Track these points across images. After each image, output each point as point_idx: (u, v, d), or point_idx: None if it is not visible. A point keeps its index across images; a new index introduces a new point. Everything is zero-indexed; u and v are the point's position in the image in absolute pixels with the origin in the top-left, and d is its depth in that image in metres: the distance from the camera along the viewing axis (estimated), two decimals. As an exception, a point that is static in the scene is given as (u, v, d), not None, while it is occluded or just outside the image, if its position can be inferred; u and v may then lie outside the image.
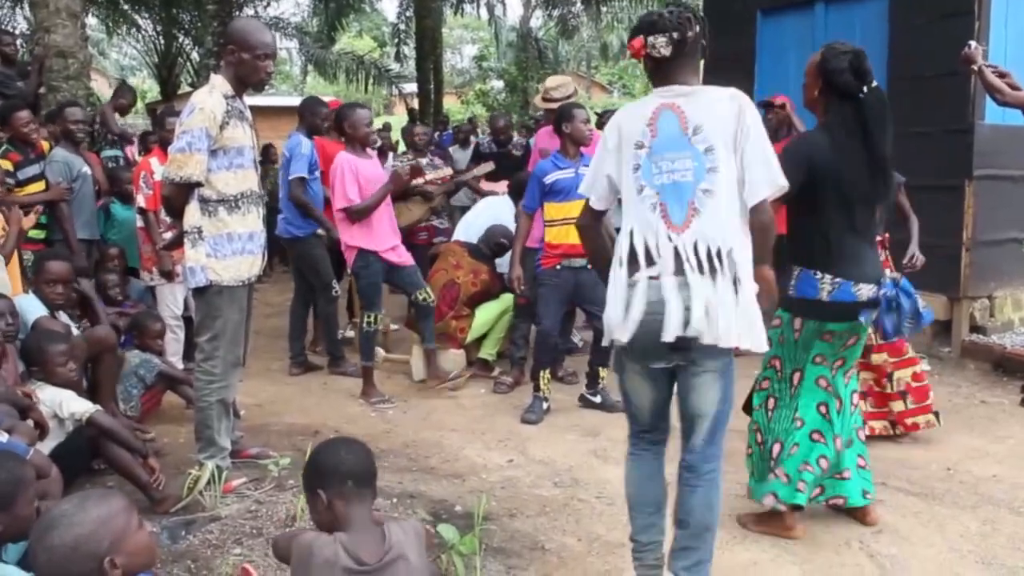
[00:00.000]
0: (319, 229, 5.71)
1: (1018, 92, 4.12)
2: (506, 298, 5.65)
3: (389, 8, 32.60)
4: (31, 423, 3.12)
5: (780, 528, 3.25)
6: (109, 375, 4.23)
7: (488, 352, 5.75)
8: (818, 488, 3.29)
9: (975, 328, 6.11)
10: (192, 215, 3.54)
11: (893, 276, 3.15)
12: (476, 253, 5.76)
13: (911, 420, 4.33)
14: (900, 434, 4.34)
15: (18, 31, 14.05)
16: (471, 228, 6.14)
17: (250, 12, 16.71)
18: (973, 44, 4.21)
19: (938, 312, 6.05)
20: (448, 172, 6.87)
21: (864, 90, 3.05)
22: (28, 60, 7.54)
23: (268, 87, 4.27)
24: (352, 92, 22.44)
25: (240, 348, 3.80)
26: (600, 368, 4.91)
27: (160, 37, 18.52)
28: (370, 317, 5.17)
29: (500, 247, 5.75)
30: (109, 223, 5.86)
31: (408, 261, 5.28)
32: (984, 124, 5.90)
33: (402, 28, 20.84)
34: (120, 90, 8.10)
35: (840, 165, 3.05)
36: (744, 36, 7.39)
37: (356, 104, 5.54)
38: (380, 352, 5.90)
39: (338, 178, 5.02)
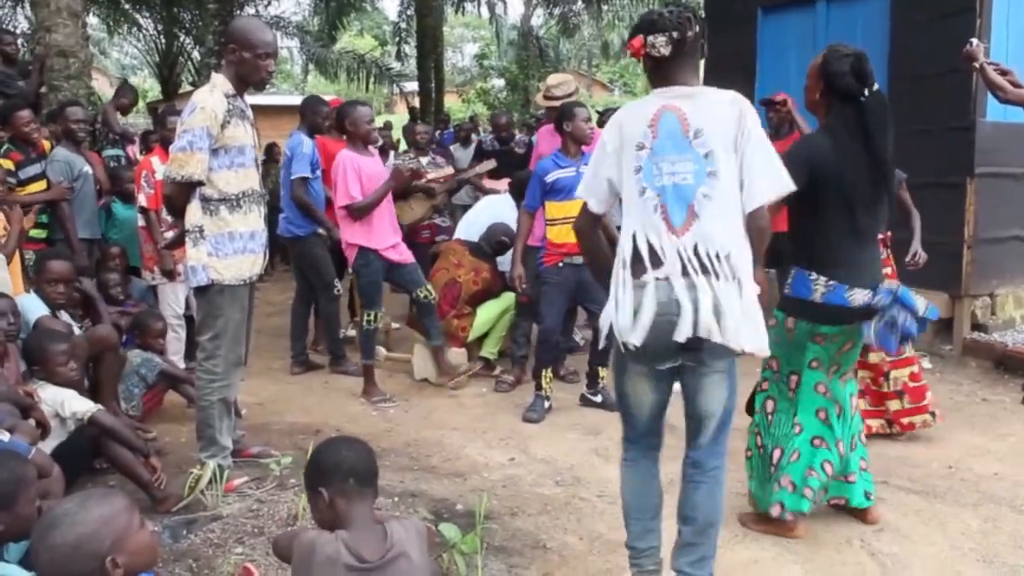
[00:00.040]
0: (320, 228, 5.71)
1: (1020, 89, 4.12)
2: (507, 297, 5.65)
3: (390, 7, 32.57)
4: (33, 422, 3.12)
5: (781, 527, 3.25)
6: (111, 374, 4.23)
7: (490, 351, 5.75)
8: (822, 491, 3.29)
9: (976, 326, 6.11)
10: (193, 214, 3.55)
11: (890, 286, 3.10)
12: (477, 251, 5.76)
13: (907, 420, 4.32)
14: (896, 433, 4.34)
15: (19, 30, 14.08)
16: (472, 227, 6.13)
17: (251, 11, 16.73)
18: (975, 42, 4.21)
19: (939, 310, 6.04)
20: (449, 171, 6.87)
21: (865, 93, 3.04)
22: (29, 59, 7.55)
23: (269, 86, 4.27)
24: (353, 91, 22.44)
25: (242, 347, 3.81)
26: (600, 368, 4.91)
27: (161, 36, 18.56)
28: (370, 315, 5.18)
29: (501, 245, 5.75)
30: (110, 222, 5.86)
31: (409, 259, 5.27)
32: (986, 122, 5.89)
33: (403, 27, 20.88)
34: (122, 89, 8.11)
35: (842, 167, 3.04)
36: (745, 34, 7.39)
37: (357, 102, 5.53)
38: (381, 351, 5.91)
39: (340, 176, 5.02)
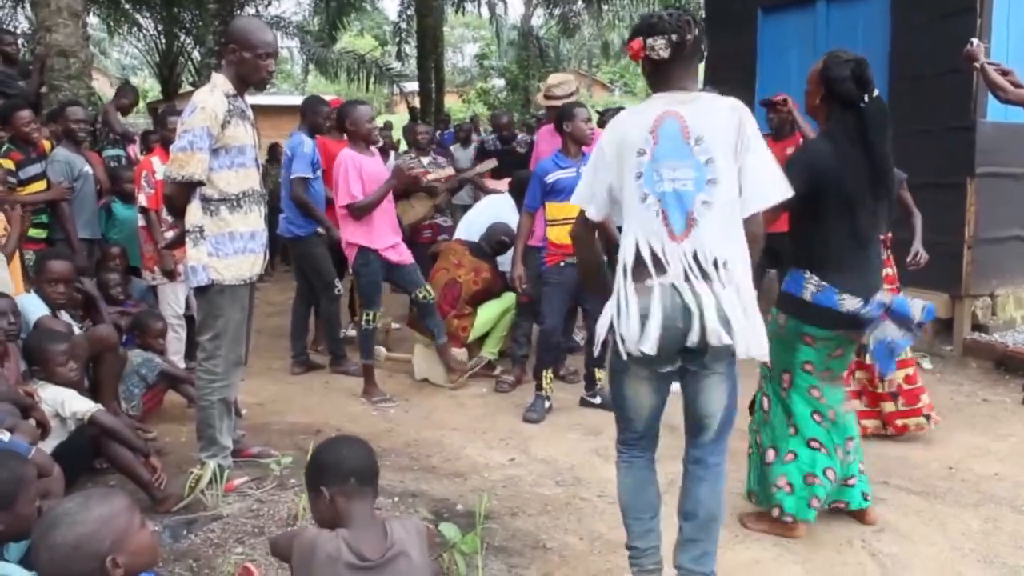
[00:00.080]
0: (320, 229, 5.71)
1: (1020, 89, 4.12)
2: (508, 297, 5.64)
3: (390, 7, 32.57)
4: (33, 422, 3.12)
5: (782, 528, 3.25)
6: (111, 374, 4.23)
7: (490, 351, 5.74)
8: (826, 497, 3.29)
9: (977, 326, 6.10)
10: (194, 214, 3.54)
11: (883, 299, 3.08)
12: (477, 251, 5.76)
13: (901, 422, 4.32)
14: (891, 434, 4.33)
15: (20, 30, 14.09)
16: (472, 226, 6.12)
17: (251, 11, 16.74)
18: (975, 42, 4.21)
19: (940, 310, 6.04)
20: (450, 171, 6.87)
21: (865, 99, 3.04)
22: (30, 59, 7.55)
23: (269, 86, 4.26)
24: (353, 91, 22.45)
25: (242, 347, 3.81)
26: (596, 369, 4.91)
27: (161, 36, 18.57)
28: (369, 315, 5.18)
29: (501, 245, 5.74)
30: (110, 222, 5.85)
31: (408, 259, 5.27)
32: (986, 122, 5.89)
33: (403, 27, 20.89)
34: (122, 90, 8.12)
35: (843, 173, 3.04)
36: (745, 34, 7.39)
37: (357, 101, 5.52)
38: (382, 351, 5.91)
39: (341, 175, 5.02)
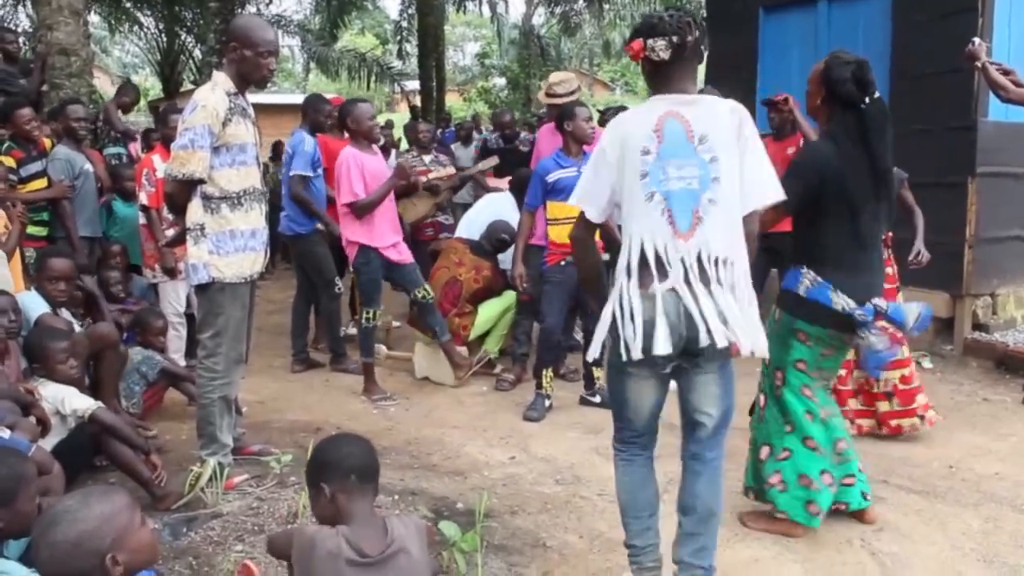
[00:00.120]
0: (319, 225, 5.70)
1: (1021, 89, 4.11)
2: (509, 295, 5.64)
3: (391, 5, 32.58)
4: (33, 420, 3.12)
5: (781, 526, 3.25)
6: (111, 372, 4.23)
7: (491, 349, 5.74)
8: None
9: (977, 326, 6.10)
10: (195, 212, 3.55)
11: (878, 304, 3.08)
12: (478, 250, 5.75)
13: (895, 422, 4.31)
14: (885, 434, 4.32)
15: (21, 28, 14.09)
16: (473, 225, 6.12)
17: (252, 9, 16.72)
18: (977, 41, 4.21)
19: (940, 309, 6.05)
20: (451, 170, 6.88)
21: (866, 101, 3.04)
22: (31, 57, 7.55)
23: (270, 84, 4.26)
24: (354, 89, 22.44)
25: (242, 345, 3.81)
26: (595, 368, 4.91)
27: (162, 35, 18.57)
28: (369, 313, 5.18)
29: (502, 243, 5.74)
30: (111, 220, 5.86)
31: (408, 259, 5.27)
32: (987, 121, 5.89)
33: (404, 25, 20.89)
34: (124, 88, 8.13)
35: (845, 174, 3.05)
36: (746, 34, 7.38)
37: (358, 99, 5.52)
38: (382, 349, 5.91)
39: (344, 173, 5.02)
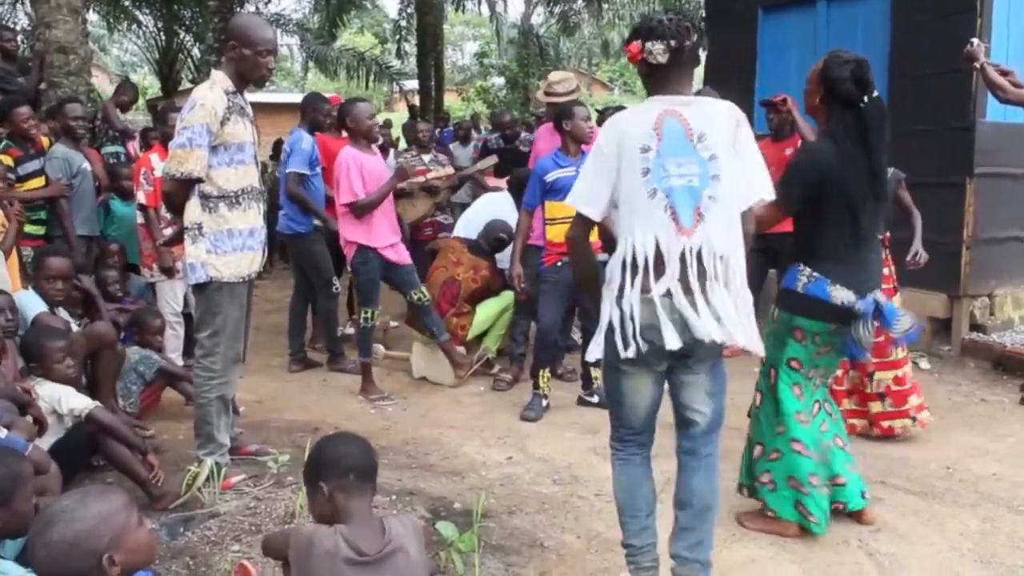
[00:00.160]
0: (316, 221, 5.69)
1: (1020, 89, 4.12)
2: (507, 295, 5.64)
3: (390, 4, 32.53)
4: (30, 419, 3.12)
5: (778, 526, 3.26)
6: (109, 371, 4.22)
7: (489, 348, 5.74)
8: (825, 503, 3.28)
9: (975, 326, 6.10)
10: (192, 211, 3.54)
11: (877, 297, 3.09)
12: (476, 249, 5.75)
13: (887, 423, 4.30)
14: (877, 435, 4.30)
15: (19, 27, 14.05)
16: (471, 224, 6.12)
17: (251, 8, 16.69)
18: (975, 41, 4.22)
19: (938, 310, 6.06)
20: (450, 170, 6.88)
21: (865, 100, 3.05)
22: (29, 56, 7.55)
23: (269, 83, 4.27)
24: (353, 89, 22.44)
25: (240, 344, 3.81)
26: (593, 368, 4.91)
27: (161, 33, 18.54)
28: (367, 313, 5.18)
29: (500, 242, 5.74)
30: (108, 219, 5.85)
31: (406, 260, 5.27)
32: (985, 122, 5.89)
33: (403, 25, 20.88)
34: (122, 87, 8.12)
35: (845, 173, 3.05)
36: (745, 34, 7.38)
37: (357, 99, 5.52)
38: (380, 349, 5.91)
39: (343, 174, 5.01)
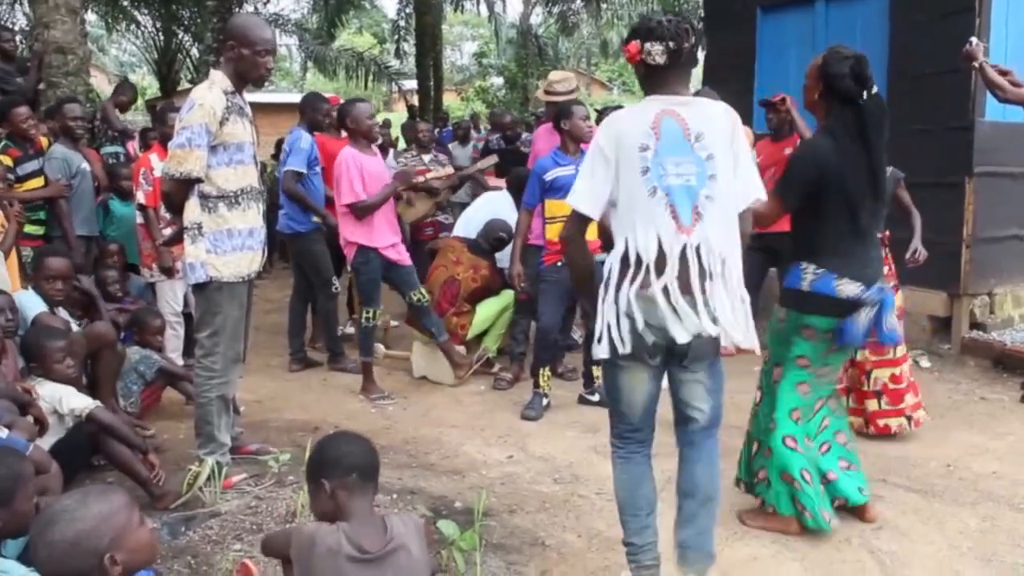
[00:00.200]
0: (315, 219, 5.69)
1: (1019, 89, 4.13)
2: (507, 294, 5.64)
3: (389, 5, 32.56)
4: (31, 419, 3.12)
5: (779, 524, 3.26)
6: (109, 371, 4.22)
7: (489, 348, 5.74)
8: (825, 499, 3.27)
9: (975, 325, 6.10)
10: (192, 211, 3.54)
11: (883, 286, 3.11)
12: (476, 248, 5.75)
13: (883, 422, 4.29)
14: (872, 433, 4.28)
15: (17, 27, 14.04)
16: (470, 223, 6.12)
17: (250, 8, 16.70)
18: (974, 41, 4.22)
19: (938, 309, 6.07)
20: (450, 170, 6.88)
21: (864, 96, 3.05)
22: (27, 56, 7.54)
23: (268, 83, 4.27)
24: (352, 89, 22.45)
25: (240, 344, 3.81)
26: (594, 367, 4.91)
27: (160, 33, 18.54)
28: (369, 313, 5.18)
29: (499, 241, 5.74)
30: (107, 219, 5.85)
31: (406, 260, 5.27)
32: (984, 121, 5.89)
33: (402, 25, 20.90)
34: (121, 87, 8.12)
35: (844, 169, 3.05)
36: (744, 33, 7.38)
37: (357, 99, 5.53)
38: (380, 348, 5.91)
39: (344, 174, 5.01)
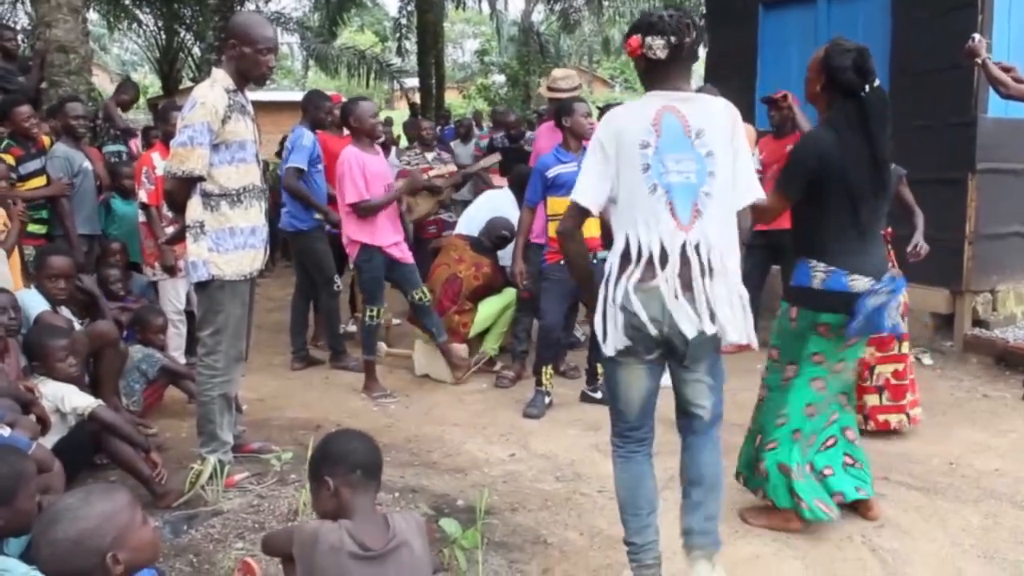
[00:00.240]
0: (318, 216, 5.69)
1: (1022, 85, 4.11)
2: (509, 292, 5.64)
3: (390, 3, 32.48)
4: (33, 418, 3.12)
5: (781, 522, 3.26)
6: (111, 370, 4.23)
7: (491, 347, 5.74)
8: (823, 494, 3.28)
9: (978, 322, 6.09)
10: (194, 210, 3.55)
11: (893, 273, 3.12)
12: (478, 246, 5.75)
13: (883, 417, 4.27)
14: (871, 430, 4.22)
15: (19, 26, 14.06)
16: (472, 221, 6.13)
17: (252, 7, 16.68)
18: (977, 37, 4.22)
19: (940, 306, 6.05)
20: (452, 168, 6.88)
21: (866, 89, 3.04)
22: (29, 55, 7.55)
23: (269, 82, 4.27)
24: (354, 87, 22.47)
25: (242, 343, 3.81)
26: (599, 364, 4.91)
27: (161, 32, 18.57)
28: (372, 311, 5.18)
29: (501, 239, 5.74)
30: (109, 218, 5.86)
31: (409, 259, 5.28)
32: (987, 117, 5.88)
33: (404, 23, 20.91)
34: (123, 86, 8.12)
35: (845, 162, 3.04)
36: (746, 30, 7.37)
37: (360, 98, 5.52)
38: (382, 346, 5.91)
39: (346, 174, 5.01)
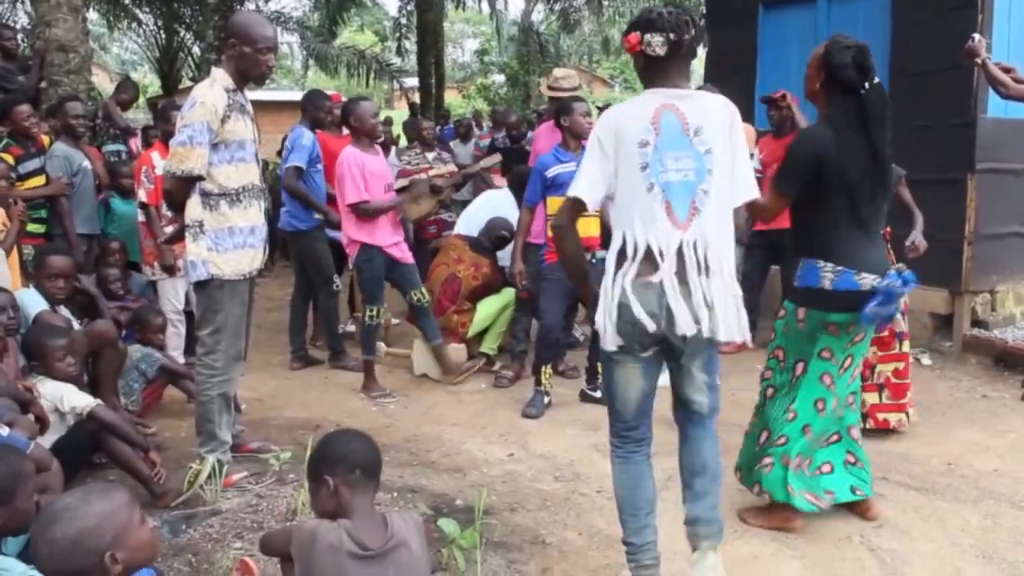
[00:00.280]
0: (317, 215, 5.69)
1: (1021, 85, 4.11)
2: (507, 292, 5.64)
3: (390, 2, 32.50)
4: (32, 417, 3.12)
5: (780, 521, 3.26)
6: (110, 369, 4.23)
7: (489, 346, 5.75)
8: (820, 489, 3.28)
9: (977, 322, 6.09)
10: (193, 209, 3.55)
11: (898, 267, 3.11)
12: (477, 246, 5.75)
13: (882, 416, 4.27)
14: (870, 428, 4.20)
15: (19, 25, 14.05)
16: (472, 221, 6.13)
17: (251, 6, 16.66)
18: (977, 37, 4.22)
19: (939, 306, 6.06)
20: (452, 168, 6.88)
21: (866, 86, 3.04)
22: (29, 54, 7.55)
23: (269, 81, 4.27)
24: (353, 86, 22.47)
25: (241, 342, 3.81)
26: (598, 362, 4.90)
27: (161, 31, 18.56)
28: (372, 311, 5.18)
29: (501, 240, 5.75)
30: (109, 217, 5.85)
31: (408, 259, 5.28)
32: (987, 118, 5.88)
33: (403, 22, 20.92)
34: (123, 85, 8.13)
35: (844, 160, 3.04)
36: (746, 30, 7.37)
37: (360, 97, 5.53)
38: (381, 346, 5.90)
39: (346, 174, 5.01)
